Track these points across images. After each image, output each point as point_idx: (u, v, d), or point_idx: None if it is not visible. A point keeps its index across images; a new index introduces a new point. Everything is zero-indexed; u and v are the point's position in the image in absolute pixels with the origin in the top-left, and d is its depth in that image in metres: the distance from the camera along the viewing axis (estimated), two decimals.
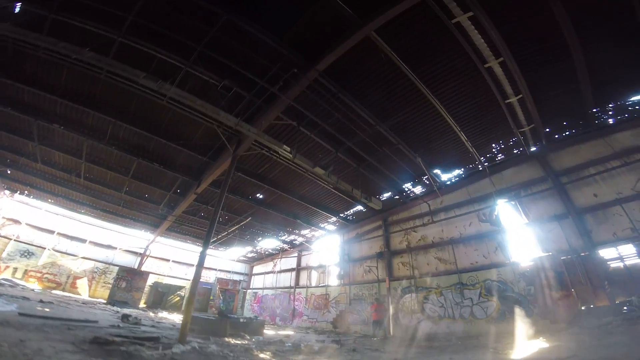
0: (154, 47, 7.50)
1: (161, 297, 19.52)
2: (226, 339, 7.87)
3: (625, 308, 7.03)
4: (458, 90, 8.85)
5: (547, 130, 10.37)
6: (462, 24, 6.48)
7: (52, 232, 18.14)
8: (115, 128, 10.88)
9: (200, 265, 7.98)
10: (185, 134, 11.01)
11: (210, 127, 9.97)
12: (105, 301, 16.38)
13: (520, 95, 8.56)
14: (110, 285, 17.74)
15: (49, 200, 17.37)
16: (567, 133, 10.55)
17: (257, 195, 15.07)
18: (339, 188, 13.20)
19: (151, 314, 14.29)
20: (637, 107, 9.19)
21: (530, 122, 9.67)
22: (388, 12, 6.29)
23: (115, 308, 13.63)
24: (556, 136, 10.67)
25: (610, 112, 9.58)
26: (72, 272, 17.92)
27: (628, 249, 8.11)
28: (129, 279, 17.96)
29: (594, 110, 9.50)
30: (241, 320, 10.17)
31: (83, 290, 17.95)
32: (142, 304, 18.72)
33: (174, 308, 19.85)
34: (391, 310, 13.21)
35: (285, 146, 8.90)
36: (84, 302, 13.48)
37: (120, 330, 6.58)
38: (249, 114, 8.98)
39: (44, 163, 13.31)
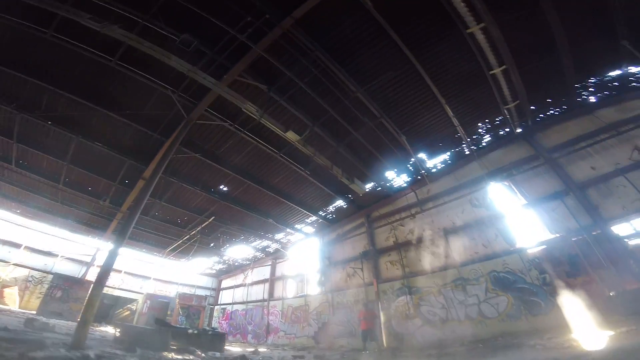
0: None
1: (107, 310, 16.34)
2: (166, 354, 5.81)
3: None
4: (442, 57, 8.18)
5: (533, 108, 9.85)
6: None
7: None
8: (53, 97, 9.05)
9: (109, 265, 6.16)
10: (134, 104, 9.29)
11: (163, 93, 8.76)
12: (35, 312, 13.48)
13: (505, 67, 7.95)
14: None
15: None
16: (552, 112, 10.17)
17: (221, 187, 13.15)
18: (316, 169, 11.72)
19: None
20: (615, 84, 9.02)
21: (516, 98, 9.15)
22: None
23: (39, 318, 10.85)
24: (541, 115, 10.28)
25: (591, 89, 9.38)
26: (1, 280, 14.96)
27: None
28: (65, 288, 14.95)
29: (576, 85, 9.19)
30: (190, 331, 7.94)
31: (12, 300, 14.95)
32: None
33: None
34: (382, 318, 11.38)
35: (250, 104, 7.50)
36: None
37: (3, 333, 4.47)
38: (209, 72, 7.70)
39: None
